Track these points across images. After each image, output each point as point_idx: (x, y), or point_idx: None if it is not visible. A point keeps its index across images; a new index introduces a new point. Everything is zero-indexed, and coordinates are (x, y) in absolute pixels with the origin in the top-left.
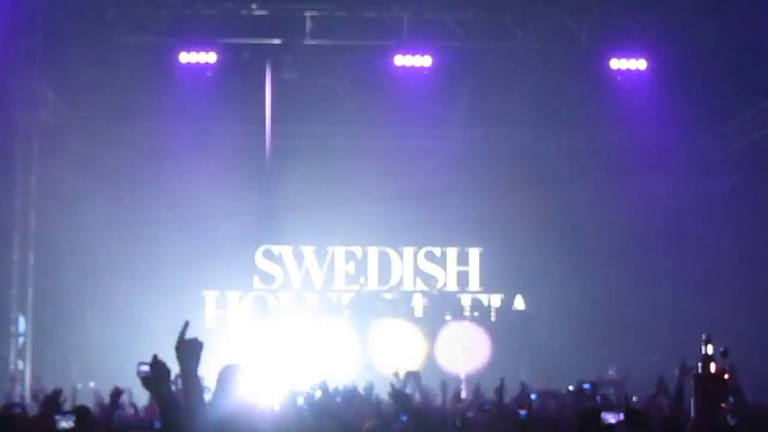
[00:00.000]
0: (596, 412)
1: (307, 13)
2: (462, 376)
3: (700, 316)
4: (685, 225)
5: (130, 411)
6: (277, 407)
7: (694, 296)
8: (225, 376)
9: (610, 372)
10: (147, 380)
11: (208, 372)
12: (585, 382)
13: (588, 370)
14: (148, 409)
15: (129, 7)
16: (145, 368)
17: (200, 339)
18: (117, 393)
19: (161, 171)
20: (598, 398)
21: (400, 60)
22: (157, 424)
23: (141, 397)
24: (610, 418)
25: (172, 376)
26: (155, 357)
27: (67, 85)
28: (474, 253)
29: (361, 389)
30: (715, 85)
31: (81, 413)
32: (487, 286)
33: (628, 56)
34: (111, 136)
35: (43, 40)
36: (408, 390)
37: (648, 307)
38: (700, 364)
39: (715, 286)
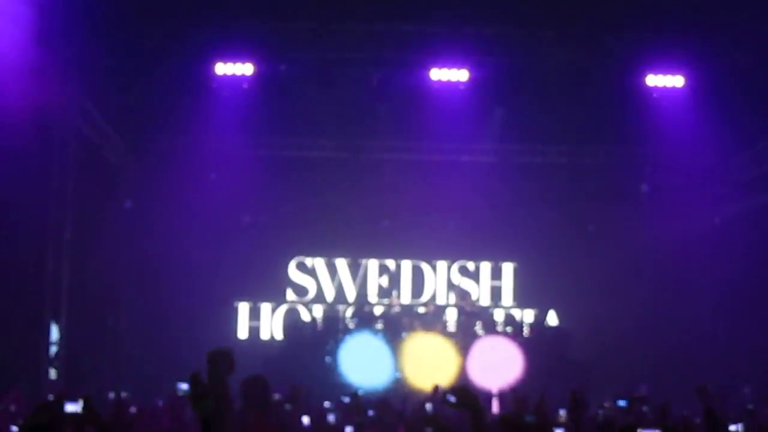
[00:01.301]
0: (633, 429)
1: (344, 26)
2: (494, 391)
3: (735, 334)
4: (720, 243)
5: None
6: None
7: (728, 313)
8: (249, 388)
9: (642, 389)
10: (188, 398)
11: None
12: (621, 398)
13: (619, 386)
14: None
15: (167, 18)
16: (185, 386)
17: (231, 350)
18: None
19: (196, 182)
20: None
21: (437, 74)
22: None
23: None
24: None
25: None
26: (194, 374)
27: (104, 95)
28: (507, 268)
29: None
30: (751, 102)
31: (89, 399)
32: (521, 301)
33: (665, 72)
34: (146, 147)
35: (81, 51)
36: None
37: (681, 324)
38: None
39: (753, 303)
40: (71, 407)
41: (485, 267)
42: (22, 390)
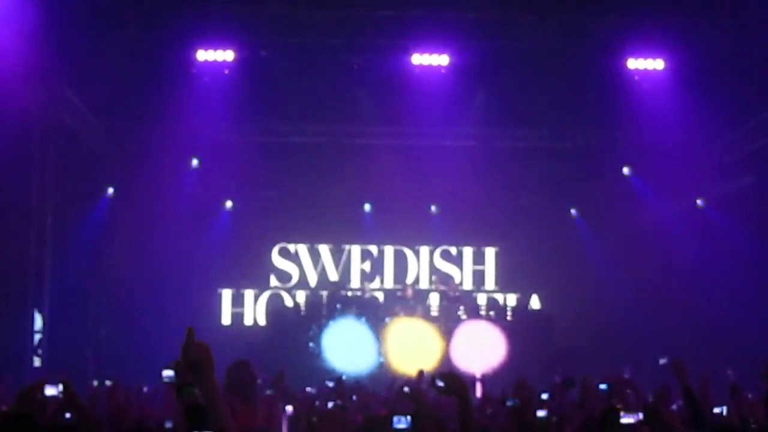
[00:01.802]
0: (616, 412)
1: (325, 12)
2: (477, 375)
3: (718, 315)
4: (702, 224)
5: None
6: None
7: (711, 295)
8: (234, 373)
9: (626, 372)
10: (173, 386)
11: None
12: (602, 382)
13: (603, 369)
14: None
15: (147, 5)
16: (170, 374)
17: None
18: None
19: (178, 168)
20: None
21: (418, 59)
22: (169, 424)
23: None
24: (629, 418)
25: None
26: (178, 362)
27: (85, 83)
28: (490, 253)
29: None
30: (731, 84)
31: (68, 383)
32: (503, 286)
33: (645, 56)
34: (127, 134)
35: (61, 39)
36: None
37: (665, 306)
38: None
39: (736, 284)
40: (51, 390)
41: (468, 252)
42: (6, 379)
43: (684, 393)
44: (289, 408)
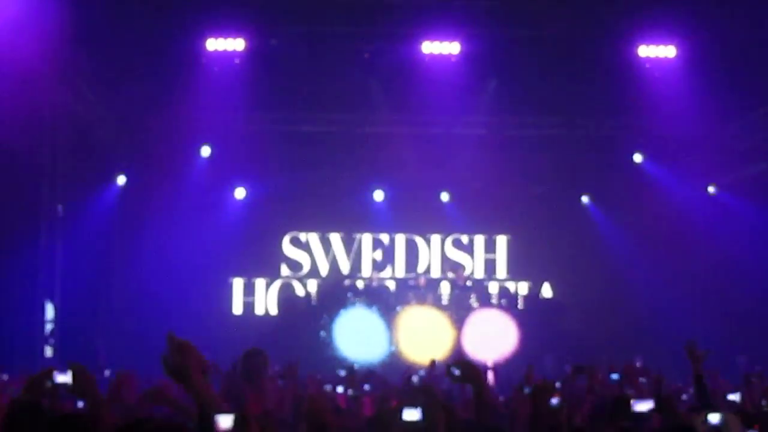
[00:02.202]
0: (626, 401)
1: (335, 0)
2: (489, 363)
3: (729, 305)
4: (714, 212)
5: None
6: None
7: (724, 283)
8: (248, 362)
9: (637, 361)
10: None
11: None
12: (613, 372)
13: (615, 357)
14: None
15: None
16: None
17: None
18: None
19: (189, 158)
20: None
21: (428, 47)
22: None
23: None
24: (641, 406)
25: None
26: None
27: (94, 72)
28: (501, 241)
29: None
30: (743, 71)
31: (78, 369)
32: (515, 274)
33: (657, 43)
34: (138, 124)
35: (69, 27)
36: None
37: (676, 295)
38: None
39: (745, 274)
40: (63, 378)
41: (479, 240)
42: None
43: (695, 380)
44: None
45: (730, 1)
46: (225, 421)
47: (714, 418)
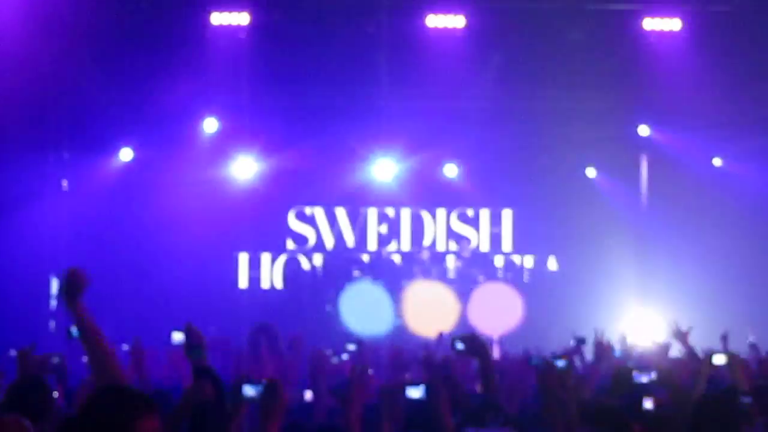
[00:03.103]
0: (628, 372)
1: None
2: (494, 337)
3: (731, 281)
4: (718, 185)
5: None
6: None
7: (725, 260)
8: (257, 335)
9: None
10: (182, 348)
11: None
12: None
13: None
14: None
15: None
16: (180, 336)
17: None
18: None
19: (193, 132)
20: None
21: (433, 20)
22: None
23: None
24: (642, 377)
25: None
26: (189, 324)
27: (99, 46)
28: (507, 214)
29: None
30: (748, 44)
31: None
32: (520, 248)
33: (662, 15)
34: (143, 98)
35: (75, 2)
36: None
37: (681, 267)
38: None
39: (747, 249)
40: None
41: (485, 214)
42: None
43: (689, 357)
44: None
45: None
46: (250, 390)
47: (719, 359)
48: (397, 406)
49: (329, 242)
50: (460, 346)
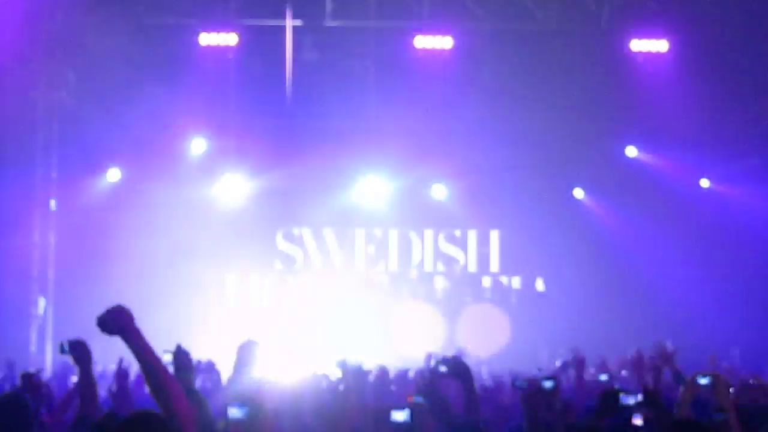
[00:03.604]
0: (615, 394)
1: None
2: (482, 357)
3: (720, 298)
4: (707, 205)
5: None
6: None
7: (717, 276)
8: (243, 353)
9: (630, 355)
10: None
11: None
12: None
13: (607, 351)
14: None
15: None
16: (168, 357)
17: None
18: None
19: (181, 152)
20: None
21: (421, 41)
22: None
23: None
24: (629, 399)
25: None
26: (178, 346)
27: (88, 67)
28: (494, 235)
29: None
30: (734, 66)
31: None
32: (508, 269)
33: (649, 37)
34: (131, 117)
35: (64, 22)
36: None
37: (668, 289)
38: None
39: (741, 267)
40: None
41: (472, 235)
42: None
43: (673, 377)
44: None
45: None
46: (235, 412)
47: (703, 380)
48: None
49: (317, 263)
50: (443, 368)
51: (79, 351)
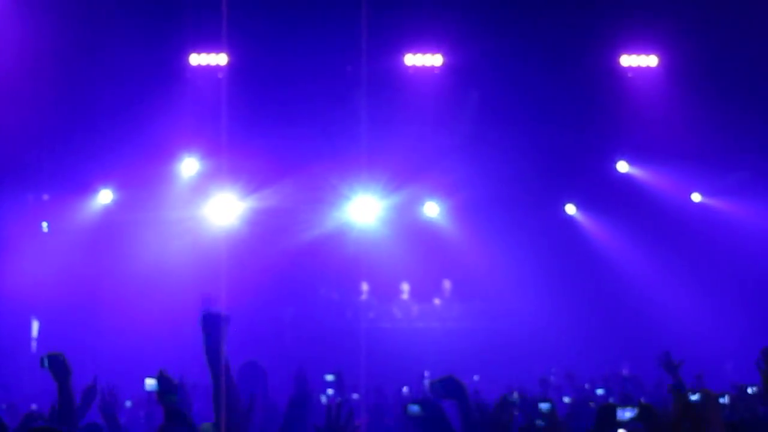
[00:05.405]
0: (612, 409)
1: (316, 13)
2: (475, 377)
3: (713, 312)
4: (696, 220)
5: None
6: None
7: (710, 290)
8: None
9: (624, 370)
10: (156, 394)
11: None
12: (598, 387)
13: (602, 366)
14: None
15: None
16: (152, 383)
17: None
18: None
19: (172, 172)
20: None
21: (411, 59)
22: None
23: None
24: (626, 413)
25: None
26: (161, 372)
27: (77, 87)
28: None
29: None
30: (725, 81)
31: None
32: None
33: (638, 52)
34: (121, 138)
35: (52, 40)
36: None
37: (661, 303)
38: None
39: (734, 281)
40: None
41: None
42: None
43: (674, 389)
44: None
45: (711, 11)
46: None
47: (693, 396)
48: None
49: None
50: (438, 388)
51: (57, 365)
